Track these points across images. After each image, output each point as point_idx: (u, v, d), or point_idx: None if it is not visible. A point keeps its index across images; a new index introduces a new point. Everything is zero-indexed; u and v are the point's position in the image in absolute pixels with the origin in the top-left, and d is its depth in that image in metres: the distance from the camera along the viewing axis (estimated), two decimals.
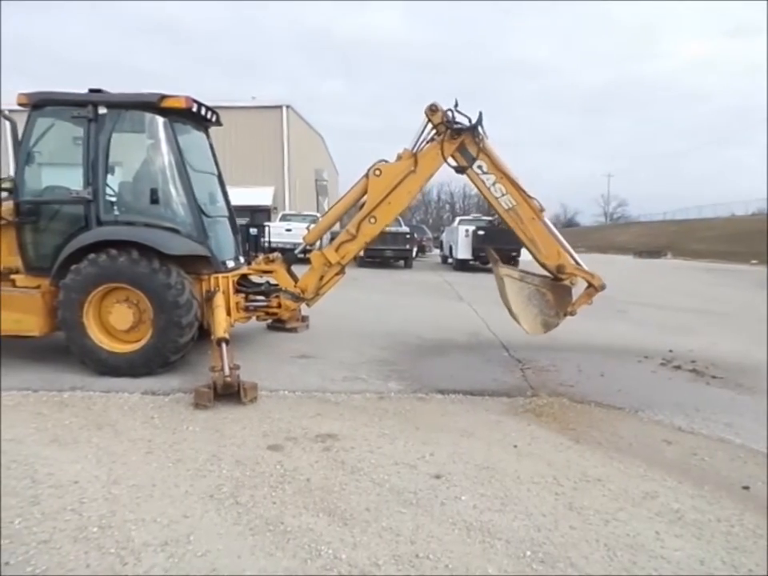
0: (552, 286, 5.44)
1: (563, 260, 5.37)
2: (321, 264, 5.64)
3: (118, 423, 3.94)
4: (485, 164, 5.33)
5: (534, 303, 5.40)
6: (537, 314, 5.40)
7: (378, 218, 5.50)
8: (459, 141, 5.28)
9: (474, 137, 5.25)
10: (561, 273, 5.34)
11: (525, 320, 5.41)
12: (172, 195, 5.25)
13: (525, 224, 5.35)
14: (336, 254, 5.60)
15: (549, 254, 5.38)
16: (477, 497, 2.97)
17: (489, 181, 5.34)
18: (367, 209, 5.50)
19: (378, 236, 5.72)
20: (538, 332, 5.45)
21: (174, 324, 4.84)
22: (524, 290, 5.42)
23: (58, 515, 2.73)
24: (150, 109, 5.11)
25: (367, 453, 3.51)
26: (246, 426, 3.91)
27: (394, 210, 5.56)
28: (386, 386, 4.95)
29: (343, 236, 5.61)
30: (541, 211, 5.38)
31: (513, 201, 5.32)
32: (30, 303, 5.04)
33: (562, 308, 5.39)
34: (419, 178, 5.46)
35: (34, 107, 5.08)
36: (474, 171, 5.35)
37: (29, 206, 5.10)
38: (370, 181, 5.50)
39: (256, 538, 2.56)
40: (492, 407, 4.50)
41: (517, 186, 5.34)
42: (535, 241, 5.37)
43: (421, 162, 5.39)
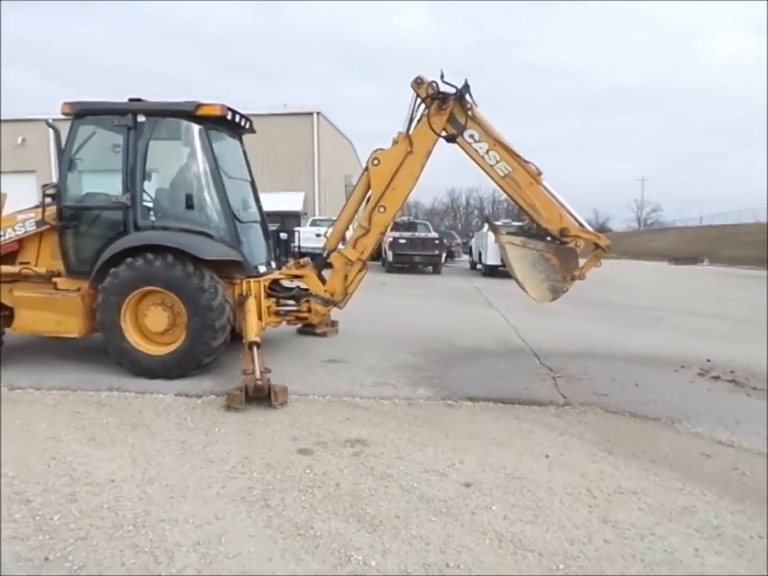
0: (557, 250, 5.32)
1: (566, 223, 5.26)
2: (342, 264, 5.69)
3: (153, 424, 4.02)
4: (476, 132, 5.27)
5: (540, 269, 5.29)
6: (543, 280, 5.30)
7: (387, 206, 5.52)
8: (448, 111, 5.24)
9: (461, 105, 5.21)
10: (564, 236, 5.23)
11: (531, 287, 5.32)
12: (206, 201, 5.36)
13: (523, 189, 5.26)
14: (354, 250, 5.65)
15: (550, 217, 5.27)
16: (508, 507, 2.93)
17: (482, 149, 5.27)
18: (374, 199, 5.53)
19: (390, 225, 5.73)
20: (545, 298, 5.37)
21: (207, 327, 4.93)
22: (527, 255, 5.31)
23: (95, 513, 2.80)
24: (187, 117, 5.23)
25: (396, 459, 3.50)
26: (277, 429, 3.94)
27: (400, 194, 5.56)
28: (416, 392, 4.93)
29: (357, 232, 5.66)
30: (538, 175, 5.29)
31: (508, 167, 5.23)
32: (71, 305, 5.21)
33: (569, 272, 5.26)
34: (418, 157, 5.44)
35: (76, 116, 5.25)
36: (466, 140, 5.29)
37: (71, 211, 5.27)
38: (371, 171, 5.54)
39: (286, 541, 2.58)
40: (523, 416, 4.44)
41: (511, 151, 5.26)
42: (535, 206, 5.27)
43: (415, 141, 5.39)
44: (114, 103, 5.27)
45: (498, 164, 5.25)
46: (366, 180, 5.62)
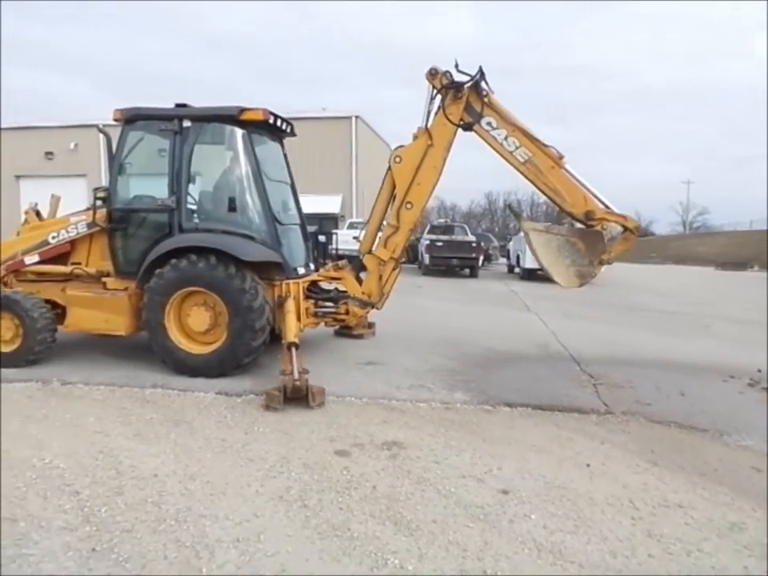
0: (582, 234, 5.22)
1: (591, 205, 5.14)
2: (376, 265, 5.72)
3: (194, 421, 4.12)
4: (493, 119, 5.22)
5: (565, 254, 5.20)
6: (569, 265, 5.20)
7: (414, 202, 5.52)
8: (464, 100, 5.21)
9: (477, 93, 5.17)
10: (590, 219, 5.12)
11: (557, 273, 5.23)
12: (248, 204, 5.47)
13: (545, 174, 5.17)
14: (386, 250, 5.68)
15: (575, 201, 5.16)
16: (547, 516, 2.88)
17: (500, 136, 5.21)
18: (400, 196, 5.54)
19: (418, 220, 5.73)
20: (573, 284, 5.26)
21: (248, 327, 5.02)
22: (552, 241, 5.23)
23: (140, 506, 2.89)
24: (230, 121, 5.36)
25: (433, 463, 3.48)
26: (314, 430, 3.98)
27: (426, 189, 5.55)
28: (452, 395, 4.90)
29: (387, 231, 5.68)
30: (560, 158, 5.18)
31: (528, 152, 5.16)
32: (118, 304, 5.40)
33: (596, 256, 5.15)
34: (439, 149, 5.43)
35: (126, 122, 5.45)
36: (483, 128, 5.24)
37: (119, 214, 5.47)
38: (394, 169, 5.56)
39: (324, 542, 2.60)
40: (562, 423, 4.35)
41: (530, 136, 5.18)
42: (558, 190, 5.17)
43: (434, 133, 5.38)
44: (162, 109, 5.45)
45: (518, 150, 5.19)
46: (391, 179, 5.65)
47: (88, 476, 3.20)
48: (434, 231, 20.20)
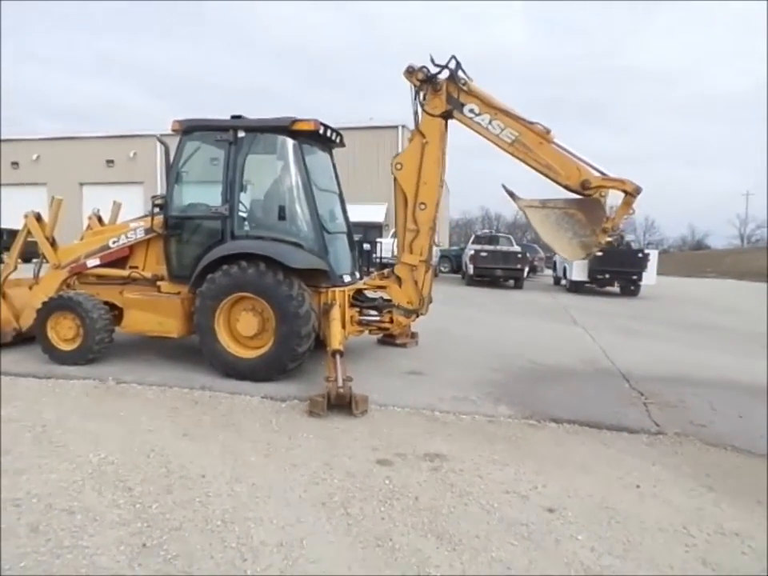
0: (580, 204, 5.16)
1: (585, 174, 5.07)
2: (408, 271, 5.75)
3: (241, 424, 4.21)
4: (475, 106, 5.25)
5: (565, 227, 5.19)
6: (571, 238, 5.19)
7: (426, 201, 5.57)
8: (444, 91, 5.28)
9: (455, 82, 5.23)
10: (587, 188, 5.05)
11: (560, 246, 5.23)
12: (298, 212, 5.58)
13: (534, 151, 5.15)
14: (412, 255, 5.70)
15: (568, 173, 5.11)
16: (595, 538, 2.79)
17: (484, 121, 5.23)
18: (411, 199, 5.59)
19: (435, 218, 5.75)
20: (578, 256, 5.28)
21: (294, 333, 5.10)
22: (549, 216, 5.24)
23: (188, 505, 2.97)
24: (283, 132, 5.49)
25: (476, 477, 3.44)
26: (357, 438, 4.00)
27: (433, 185, 5.58)
28: (496, 409, 4.83)
29: (408, 236, 5.70)
30: (547, 133, 5.14)
31: (514, 132, 5.15)
32: (172, 308, 5.59)
33: (597, 224, 5.11)
34: (434, 143, 5.48)
35: (184, 132, 5.67)
36: (467, 116, 5.27)
37: (175, 221, 5.68)
38: (398, 177, 5.64)
39: (366, 551, 2.60)
40: (611, 442, 4.21)
41: (514, 116, 5.18)
42: (550, 165, 5.13)
43: (425, 131, 5.46)
44: (218, 120, 5.63)
45: (503, 132, 5.20)
46: (399, 187, 5.70)
47: (140, 473, 3.31)
48: (479, 241, 20.04)
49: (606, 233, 5.22)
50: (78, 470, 3.33)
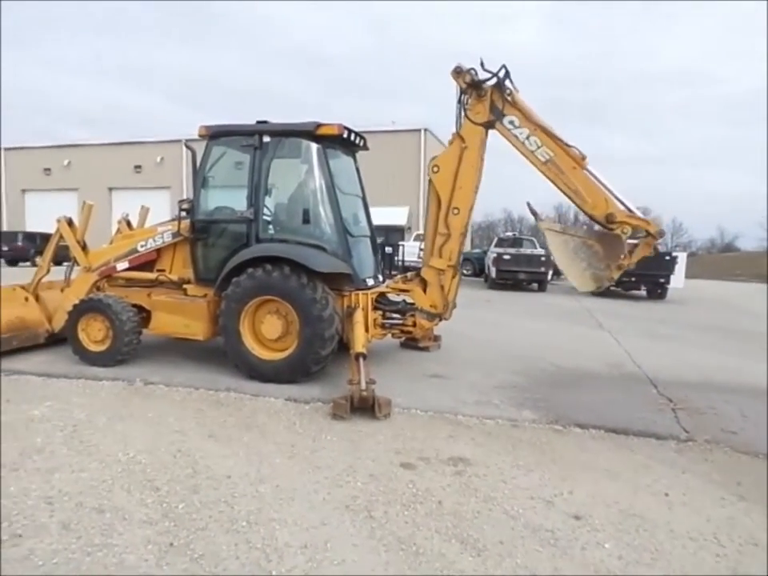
0: (600, 236, 5.16)
1: (612, 208, 5.05)
2: (435, 275, 5.74)
3: (265, 426, 4.25)
4: (516, 118, 5.22)
5: (582, 256, 5.19)
6: (585, 268, 5.19)
7: (460, 206, 5.55)
8: (488, 98, 5.24)
9: (500, 91, 5.19)
10: (611, 222, 5.04)
11: (572, 275, 5.24)
12: (321, 216, 5.62)
13: (566, 174, 5.12)
14: (441, 259, 5.70)
15: (596, 203, 5.09)
16: (622, 546, 2.74)
17: (522, 134, 5.20)
18: (445, 203, 5.57)
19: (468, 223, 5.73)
20: (588, 287, 5.26)
21: (318, 336, 5.13)
22: (569, 243, 5.24)
23: (214, 506, 3.00)
24: (307, 136, 5.54)
25: (500, 482, 3.41)
26: (380, 441, 4.00)
27: (469, 191, 5.56)
28: (520, 413, 4.78)
29: (439, 240, 5.69)
30: (582, 159, 5.10)
31: (549, 152, 5.12)
32: (198, 310, 5.68)
33: (614, 260, 5.10)
34: (474, 149, 5.44)
35: (210, 137, 5.76)
36: (506, 127, 5.25)
37: (202, 224, 5.77)
38: (434, 179, 5.62)
39: (389, 554, 2.60)
40: (638, 448, 4.14)
41: (553, 136, 5.13)
42: (579, 191, 5.11)
43: (465, 136, 5.42)
44: (244, 125, 5.71)
45: (539, 149, 5.18)
46: (434, 190, 5.69)
47: (167, 473, 3.37)
48: (502, 244, 19.88)
49: (621, 270, 5.21)
50: (108, 469, 3.40)
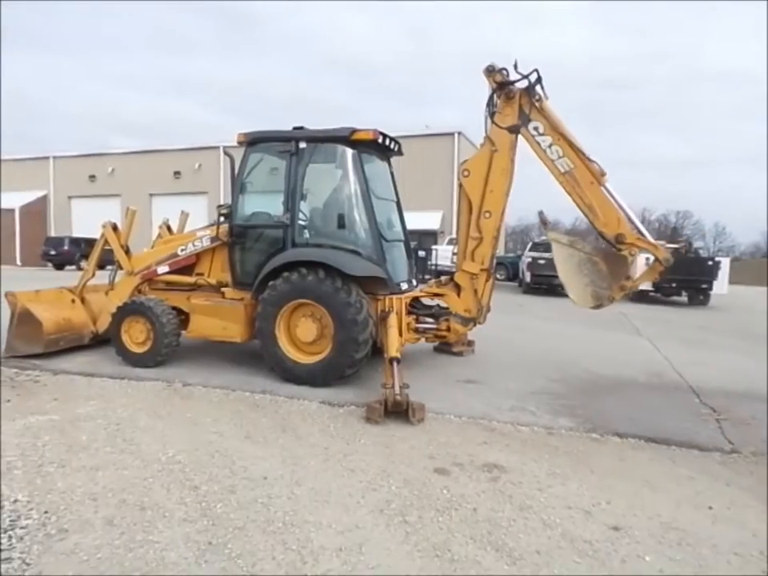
0: (606, 255, 5.12)
1: (623, 228, 5.02)
2: (468, 280, 5.71)
3: (300, 428, 4.30)
4: (541, 125, 5.17)
5: (585, 272, 5.17)
6: (587, 284, 5.17)
7: (491, 210, 5.52)
8: (517, 101, 5.20)
9: (529, 96, 5.15)
10: (620, 242, 5.02)
11: (573, 289, 5.22)
12: (356, 221, 5.66)
13: (582, 189, 5.08)
14: (474, 263, 5.66)
15: (607, 221, 5.06)
16: (664, 559, 2.67)
17: (545, 143, 5.16)
18: (476, 207, 5.55)
19: (500, 227, 5.68)
20: (587, 304, 5.21)
21: (352, 340, 5.17)
22: (574, 257, 5.21)
23: (251, 506, 3.05)
24: (342, 141, 5.60)
25: (536, 490, 3.36)
26: (414, 446, 4.00)
27: (500, 194, 5.52)
28: (556, 421, 4.70)
29: (471, 244, 5.66)
30: (602, 175, 5.04)
31: (570, 164, 5.08)
32: (235, 313, 5.79)
33: (616, 280, 5.07)
34: (504, 152, 5.40)
35: (248, 144, 5.88)
36: (530, 132, 5.20)
37: (239, 229, 5.88)
38: (464, 183, 5.59)
39: (424, 560, 2.59)
40: (680, 459, 4.02)
41: (575, 148, 5.08)
42: (593, 207, 5.07)
43: (494, 139, 5.38)
44: (280, 132, 5.81)
45: (560, 160, 5.15)
46: (465, 194, 5.66)
47: (205, 473, 3.44)
48: (536, 249, 19.60)
49: (623, 291, 5.20)
50: (149, 467, 3.50)
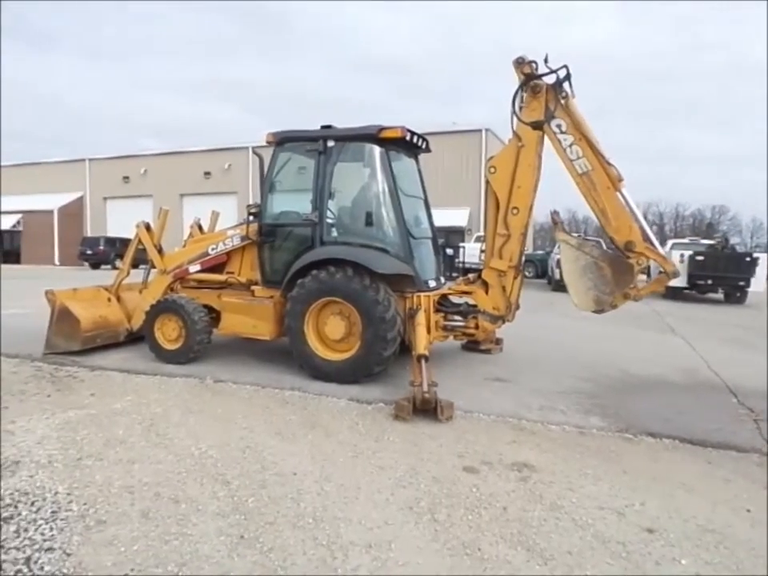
0: (612, 260, 5.12)
1: (634, 236, 5.00)
2: (496, 277, 5.68)
3: (329, 425, 4.33)
4: (564, 123, 5.13)
5: (589, 276, 5.17)
6: (590, 288, 5.18)
7: (519, 206, 5.48)
8: (543, 97, 5.16)
9: (555, 92, 5.10)
10: (629, 250, 5.01)
11: (575, 291, 5.23)
12: (384, 218, 5.67)
13: (597, 192, 5.05)
14: (502, 260, 5.62)
15: (620, 227, 5.04)
16: (700, 563, 2.60)
17: (566, 141, 5.13)
18: (504, 204, 5.51)
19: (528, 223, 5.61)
20: (587, 307, 5.23)
21: (380, 338, 5.18)
22: (580, 259, 5.21)
23: (281, 501, 3.09)
24: (370, 140, 5.61)
25: (567, 490, 3.32)
26: (443, 444, 3.99)
27: (527, 190, 5.46)
28: (587, 420, 4.63)
29: (498, 241, 5.62)
30: (619, 180, 5.00)
31: (588, 165, 5.04)
32: (265, 311, 5.87)
33: (620, 287, 5.09)
34: (530, 148, 5.35)
35: (277, 144, 5.94)
36: (552, 129, 5.16)
37: (269, 228, 5.96)
38: (491, 180, 5.56)
39: (454, 559, 2.59)
40: (717, 461, 3.92)
41: (596, 150, 5.04)
42: (606, 211, 5.05)
43: (521, 134, 5.34)
44: (309, 131, 5.86)
45: (579, 160, 5.11)
46: (492, 190, 5.62)
47: (237, 468, 3.50)
48: None
49: (627, 299, 5.20)
50: (182, 462, 3.57)
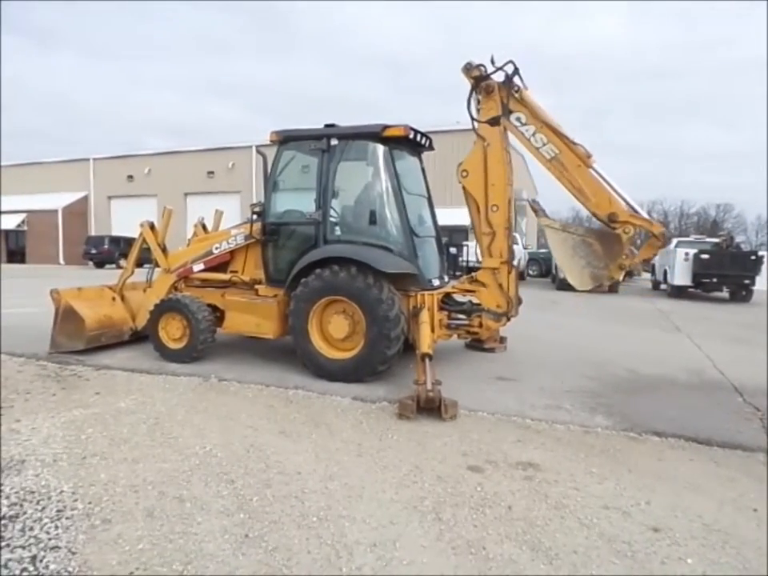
0: (599, 235, 5.17)
1: (615, 207, 5.05)
2: (490, 275, 5.72)
3: (332, 424, 4.33)
4: (523, 115, 5.24)
5: (580, 254, 5.20)
6: (584, 266, 5.22)
7: (497, 203, 5.54)
8: (497, 95, 5.27)
9: (508, 89, 5.21)
10: (613, 221, 5.05)
11: (571, 274, 5.27)
12: (387, 217, 5.66)
13: (570, 172, 5.11)
14: (492, 258, 5.68)
15: (599, 202, 5.09)
16: (707, 562, 2.59)
17: (528, 132, 5.23)
18: (482, 204, 5.58)
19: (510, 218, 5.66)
20: (586, 286, 5.24)
21: (384, 336, 5.17)
22: (567, 240, 5.25)
23: (285, 500, 3.09)
24: (374, 138, 5.60)
25: (572, 490, 3.31)
26: (447, 442, 3.98)
27: (501, 185, 5.52)
28: (592, 419, 4.62)
29: (485, 239, 5.66)
30: (588, 157, 5.07)
31: (555, 149, 5.12)
32: (268, 310, 5.87)
33: (612, 259, 5.11)
34: (496, 144, 5.44)
35: (281, 143, 5.94)
36: (513, 124, 5.28)
37: (272, 227, 5.96)
38: (465, 184, 5.64)
39: (458, 558, 2.58)
40: (722, 460, 3.89)
41: (559, 133, 5.12)
42: (583, 189, 5.11)
43: (484, 133, 5.43)
44: (312, 130, 5.85)
45: (545, 146, 5.19)
46: (469, 194, 5.68)
47: (241, 467, 3.50)
48: None
49: (622, 269, 5.23)
50: (187, 460, 3.57)
